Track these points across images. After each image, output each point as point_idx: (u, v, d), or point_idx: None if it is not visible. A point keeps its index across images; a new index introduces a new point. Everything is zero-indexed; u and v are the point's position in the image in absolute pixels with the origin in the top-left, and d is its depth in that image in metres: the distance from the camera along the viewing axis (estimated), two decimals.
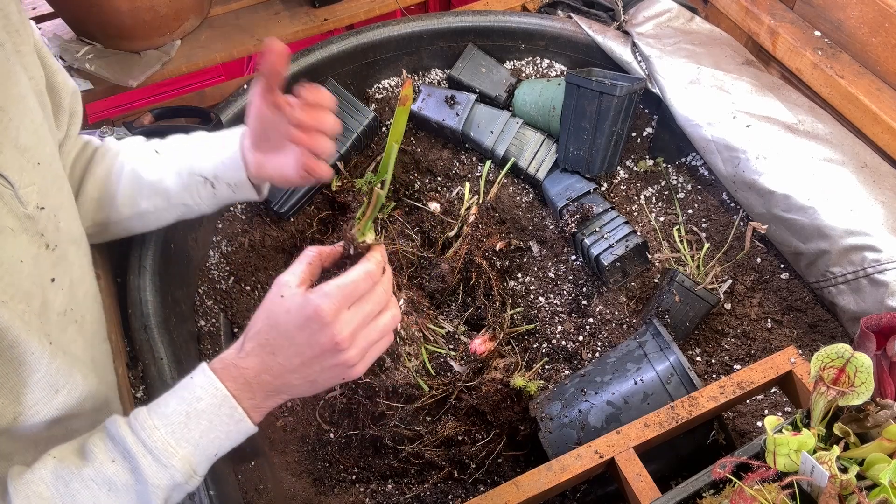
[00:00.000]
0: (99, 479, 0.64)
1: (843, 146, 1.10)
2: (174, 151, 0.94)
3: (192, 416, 0.67)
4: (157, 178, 0.92)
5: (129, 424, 0.67)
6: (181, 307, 1.12)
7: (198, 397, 0.67)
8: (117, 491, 0.64)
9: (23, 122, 0.70)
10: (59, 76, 0.83)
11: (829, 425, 0.65)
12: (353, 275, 0.68)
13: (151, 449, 0.65)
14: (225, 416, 0.68)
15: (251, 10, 1.47)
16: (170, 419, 0.66)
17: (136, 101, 2.01)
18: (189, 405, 0.67)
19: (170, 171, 0.92)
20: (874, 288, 1.00)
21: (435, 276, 1.17)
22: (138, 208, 0.93)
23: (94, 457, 0.65)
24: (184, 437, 0.66)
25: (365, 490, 1.05)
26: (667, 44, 1.28)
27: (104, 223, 0.95)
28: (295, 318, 0.67)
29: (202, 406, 0.67)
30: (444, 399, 1.07)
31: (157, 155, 0.93)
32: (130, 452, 0.65)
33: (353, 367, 0.71)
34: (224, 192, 0.94)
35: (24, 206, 0.69)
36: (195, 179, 0.92)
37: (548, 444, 0.95)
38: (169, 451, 0.65)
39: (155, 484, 0.65)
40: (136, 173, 0.92)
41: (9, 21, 0.72)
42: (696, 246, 1.22)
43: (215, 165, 0.91)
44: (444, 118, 1.33)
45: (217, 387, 0.68)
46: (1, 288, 0.64)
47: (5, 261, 0.65)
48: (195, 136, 0.97)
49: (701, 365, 1.11)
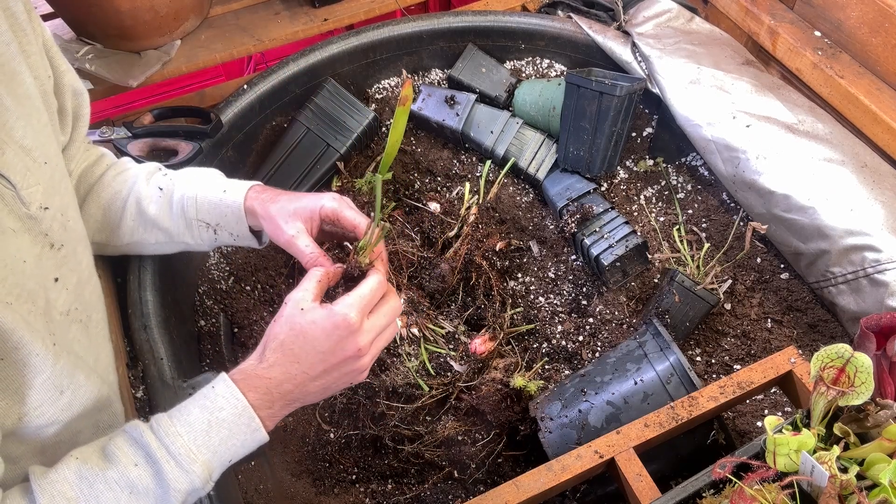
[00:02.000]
0: (122, 481, 0.65)
1: (843, 146, 1.10)
2: (179, 192, 0.95)
3: (214, 424, 0.70)
4: (160, 217, 0.94)
5: (152, 430, 0.69)
6: (181, 307, 1.12)
7: (220, 407, 0.70)
8: (138, 494, 0.66)
9: (28, 122, 0.70)
10: (67, 77, 0.83)
11: (829, 425, 0.65)
12: (369, 286, 0.75)
13: (175, 454, 0.67)
14: (244, 425, 0.71)
15: (251, 10, 1.47)
16: (192, 427, 0.69)
17: (136, 101, 2.01)
18: (211, 414, 0.70)
19: (174, 213, 0.94)
20: (874, 288, 1.00)
21: (435, 277, 1.17)
22: (139, 238, 0.95)
23: (118, 460, 0.66)
24: (204, 445, 0.69)
25: (365, 490, 1.05)
26: (667, 44, 1.28)
27: (103, 244, 0.96)
28: (322, 327, 0.72)
29: (223, 415, 0.70)
30: (443, 399, 1.07)
31: (161, 192, 0.94)
32: (154, 457, 0.67)
33: (364, 371, 0.77)
34: (225, 238, 0.96)
35: (27, 206, 0.69)
36: (198, 224, 0.94)
37: (548, 444, 0.95)
38: (191, 456, 0.68)
39: (176, 488, 0.67)
40: (141, 206, 0.93)
41: (16, 21, 0.72)
42: (696, 246, 1.22)
43: (217, 216, 0.93)
44: (444, 118, 1.33)
45: (238, 397, 0.71)
46: (5, 289, 0.64)
47: (8, 262, 0.65)
48: (201, 178, 0.96)
49: (701, 365, 1.11)
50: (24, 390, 0.67)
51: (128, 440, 0.68)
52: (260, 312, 1.20)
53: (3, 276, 0.64)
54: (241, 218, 0.92)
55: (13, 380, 0.66)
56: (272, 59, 2.09)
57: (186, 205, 0.93)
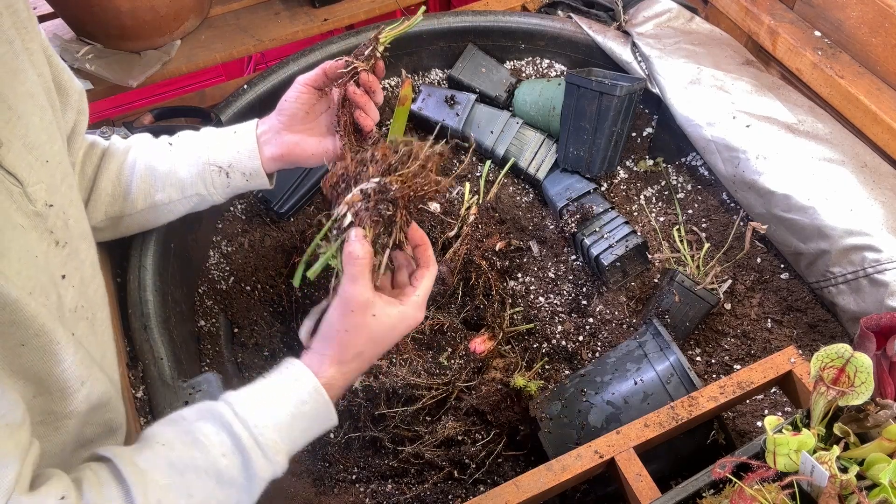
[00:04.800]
0: (211, 471, 0.67)
1: (843, 146, 1.10)
2: (188, 143, 0.97)
3: (297, 417, 0.72)
4: (171, 169, 0.95)
5: (238, 418, 0.70)
6: (181, 307, 1.12)
7: (303, 401, 0.73)
8: (225, 483, 0.68)
9: (31, 119, 0.70)
10: (65, 74, 0.84)
11: (829, 425, 0.65)
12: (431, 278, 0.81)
13: (263, 446, 0.69)
14: (322, 417, 0.75)
15: (251, 10, 1.47)
16: (278, 419, 0.71)
17: (136, 101, 2.01)
18: (295, 408, 0.72)
19: (184, 161, 0.95)
20: (874, 288, 1.00)
21: (435, 279, 1.16)
22: (152, 200, 0.96)
23: (207, 449, 0.67)
24: (288, 436, 0.72)
25: (365, 490, 1.05)
26: (667, 44, 1.28)
27: (118, 217, 0.97)
28: (399, 328, 0.77)
29: (306, 409, 0.73)
30: (443, 399, 1.07)
31: (170, 147, 0.97)
32: (244, 447, 0.68)
33: None
34: (238, 182, 0.97)
35: (33, 203, 0.69)
36: (209, 169, 0.95)
37: (548, 444, 0.95)
38: (277, 447, 0.70)
39: (261, 477, 0.70)
40: (150, 165, 0.95)
41: (18, 18, 0.71)
42: (696, 246, 1.22)
43: (231, 155, 0.95)
44: (444, 118, 1.33)
45: (321, 393, 0.74)
46: (21, 281, 0.64)
47: (22, 255, 0.65)
48: (206, 129, 1.00)
49: (701, 365, 1.11)
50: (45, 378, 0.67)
51: (216, 427, 0.69)
52: (260, 312, 1.20)
53: (19, 269, 0.64)
54: (254, 151, 0.94)
55: (34, 366, 0.65)
56: (272, 59, 2.10)
57: (199, 148, 0.95)
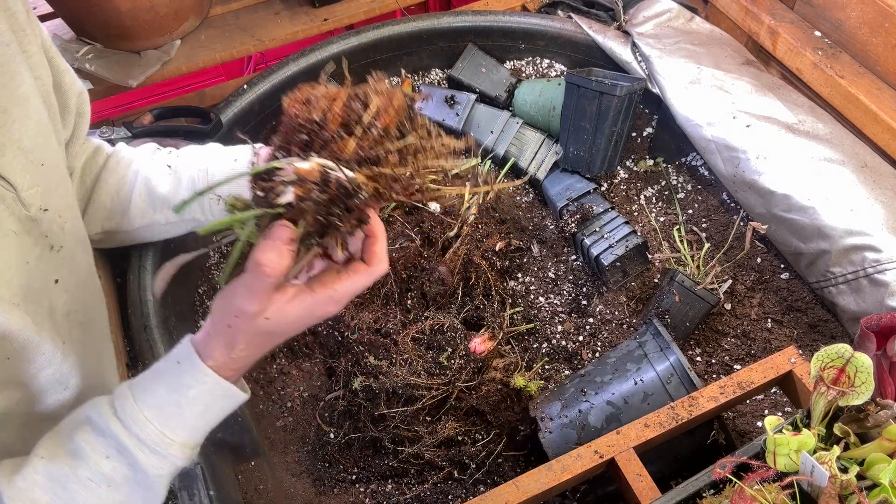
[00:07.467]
0: (96, 477, 0.63)
1: (843, 146, 1.10)
2: (189, 167, 0.95)
3: (185, 404, 0.65)
4: (170, 193, 0.93)
5: (118, 418, 0.64)
6: (181, 307, 1.12)
7: (188, 385, 0.65)
8: (117, 485, 0.63)
9: (27, 123, 0.70)
10: (66, 76, 0.83)
11: (829, 425, 0.65)
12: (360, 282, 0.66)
13: (147, 442, 0.63)
14: (219, 396, 0.66)
15: (251, 10, 1.47)
16: (162, 410, 0.64)
17: (136, 101, 2.01)
18: (180, 394, 0.65)
19: (184, 187, 0.93)
20: (874, 288, 1.00)
21: (434, 280, 1.17)
22: (149, 220, 0.95)
23: (87, 456, 0.63)
24: (178, 426, 0.65)
25: (365, 490, 1.05)
26: (667, 44, 1.28)
27: (113, 231, 0.96)
28: (303, 321, 0.65)
29: (193, 393, 0.65)
30: (443, 399, 1.07)
31: (170, 170, 0.94)
32: (125, 448, 0.63)
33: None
34: None
35: (27, 208, 0.69)
36: (208, 198, 0.93)
37: (548, 444, 0.95)
38: (165, 441, 0.64)
39: (157, 473, 0.64)
40: (150, 186, 0.93)
41: (15, 20, 0.71)
42: (696, 246, 1.22)
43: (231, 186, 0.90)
44: (444, 118, 1.33)
45: (207, 373, 0.65)
46: (11, 290, 0.64)
47: (13, 263, 0.65)
48: (208, 152, 0.96)
49: (701, 365, 1.11)
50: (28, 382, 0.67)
51: (94, 432, 0.64)
52: None
53: (9, 279, 0.64)
54: None
55: (17, 375, 0.66)
56: (272, 59, 2.09)
57: (198, 179, 0.93)
